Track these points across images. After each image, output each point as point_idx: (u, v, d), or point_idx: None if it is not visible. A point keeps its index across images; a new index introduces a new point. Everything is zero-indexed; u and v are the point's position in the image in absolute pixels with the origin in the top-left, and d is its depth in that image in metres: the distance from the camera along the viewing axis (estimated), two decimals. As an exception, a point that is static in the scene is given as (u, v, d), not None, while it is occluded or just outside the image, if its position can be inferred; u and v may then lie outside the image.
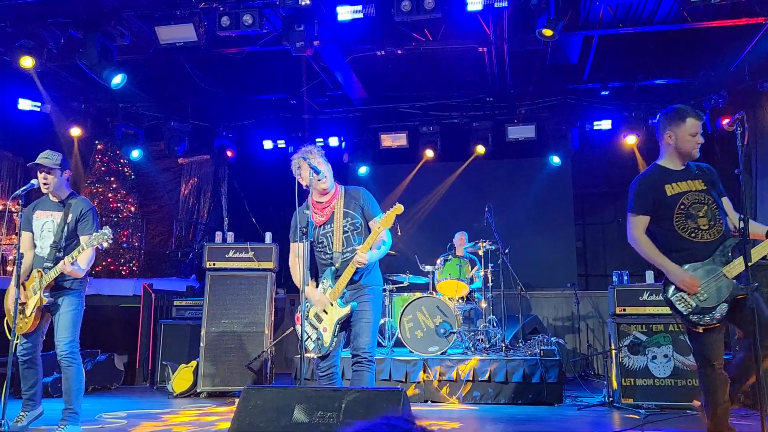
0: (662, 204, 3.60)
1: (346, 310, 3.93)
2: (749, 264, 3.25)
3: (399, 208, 3.86)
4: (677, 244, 3.58)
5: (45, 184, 4.64)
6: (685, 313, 3.49)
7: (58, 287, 4.58)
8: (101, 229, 4.50)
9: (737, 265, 3.41)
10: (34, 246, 4.71)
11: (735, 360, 3.62)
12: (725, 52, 7.96)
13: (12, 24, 6.64)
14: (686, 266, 3.52)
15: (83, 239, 4.62)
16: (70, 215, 4.66)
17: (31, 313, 4.54)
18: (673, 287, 3.54)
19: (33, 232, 4.71)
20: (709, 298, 3.44)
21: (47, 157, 4.62)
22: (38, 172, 4.64)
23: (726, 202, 3.68)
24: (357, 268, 3.95)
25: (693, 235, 3.54)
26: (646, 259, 3.69)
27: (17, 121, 9.28)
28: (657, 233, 3.68)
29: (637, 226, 3.67)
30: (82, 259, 4.48)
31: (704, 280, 3.46)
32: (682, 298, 3.49)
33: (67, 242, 4.64)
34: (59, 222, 4.65)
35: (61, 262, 4.43)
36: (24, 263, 4.65)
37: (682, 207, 3.56)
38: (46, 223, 4.69)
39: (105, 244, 4.42)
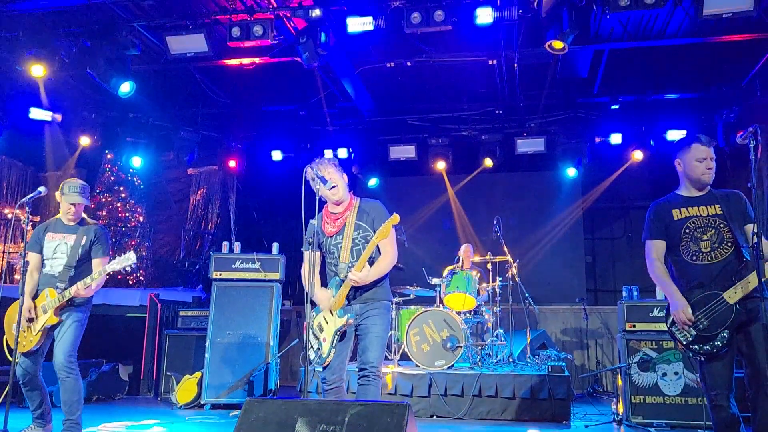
0: (671, 228, 3.59)
1: (343, 320, 3.88)
2: (762, 279, 3.17)
3: (395, 218, 3.83)
4: (682, 269, 3.56)
5: (73, 215, 4.73)
6: (685, 343, 3.44)
7: (67, 304, 4.60)
8: (111, 251, 4.61)
9: (740, 290, 3.32)
10: (42, 266, 4.74)
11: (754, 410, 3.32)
12: (737, 66, 7.91)
13: (24, 34, 6.68)
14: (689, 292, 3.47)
15: (95, 262, 4.71)
16: (85, 238, 4.72)
17: (38, 332, 4.55)
18: (671, 318, 3.50)
19: (42, 254, 4.74)
20: (710, 326, 3.36)
21: (81, 194, 4.71)
22: (68, 203, 4.71)
23: (750, 228, 3.41)
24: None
25: (694, 258, 3.50)
26: (657, 285, 3.64)
27: (27, 131, 9.31)
28: (670, 260, 3.64)
29: (652, 250, 3.67)
30: (96, 283, 4.58)
31: (704, 307, 3.38)
32: (682, 328, 3.44)
33: (79, 263, 4.69)
34: (72, 245, 4.70)
35: (76, 286, 4.50)
36: (30, 283, 4.66)
37: (687, 231, 3.55)
38: (59, 246, 4.73)
39: (128, 268, 4.48)
